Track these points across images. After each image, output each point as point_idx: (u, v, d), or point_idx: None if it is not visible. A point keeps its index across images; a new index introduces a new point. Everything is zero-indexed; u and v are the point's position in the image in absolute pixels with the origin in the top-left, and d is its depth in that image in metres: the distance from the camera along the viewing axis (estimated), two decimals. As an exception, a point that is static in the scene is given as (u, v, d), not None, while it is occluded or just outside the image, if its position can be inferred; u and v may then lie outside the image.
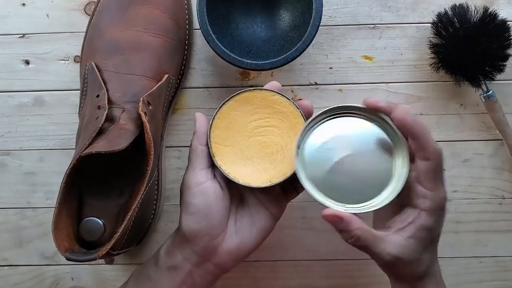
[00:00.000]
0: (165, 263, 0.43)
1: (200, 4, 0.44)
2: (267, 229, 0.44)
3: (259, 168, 0.44)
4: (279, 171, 0.43)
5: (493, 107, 0.50)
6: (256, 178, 0.43)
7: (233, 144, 0.44)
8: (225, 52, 0.45)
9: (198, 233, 0.41)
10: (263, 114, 0.44)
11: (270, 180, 0.43)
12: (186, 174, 0.42)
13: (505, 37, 0.48)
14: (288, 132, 0.44)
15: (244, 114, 0.44)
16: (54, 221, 0.40)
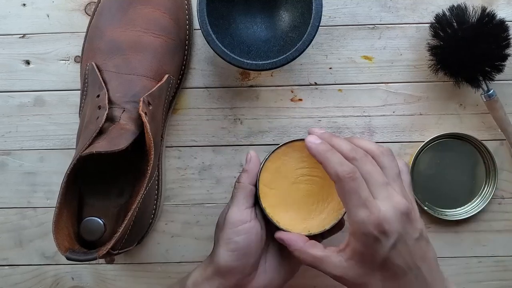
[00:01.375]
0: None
1: (200, 4, 0.44)
2: (294, 270, 0.46)
3: (299, 216, 0.45)
4: (318, 222, 0.45)
5: (494, 106, 0.51)
6: (296, 225, 0.44)
7: (278, 188, 0.45)
8: (225, 52, 0.45)
9: (234, 269, 0.42)
10: (310, 163, 0.45)
11: (309, 229, 0.44)
12: (230, 210, 0.43)
13: (503, 37, 0.48)
14: (330, 185, 0.44)
15: (294, 160, 0.45)
16: (54, 221, 0.40)
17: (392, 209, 0.36)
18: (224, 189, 0.53)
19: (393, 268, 0.37)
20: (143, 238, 0.51)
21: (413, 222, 0.38)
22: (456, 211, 0.53)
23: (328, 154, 0.39)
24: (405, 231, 0.37)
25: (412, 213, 0.38)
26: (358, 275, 0.38)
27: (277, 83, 0.53)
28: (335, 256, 0.39)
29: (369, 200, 0.37)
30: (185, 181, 0.53)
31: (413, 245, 0.37)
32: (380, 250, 0.36)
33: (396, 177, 0.39)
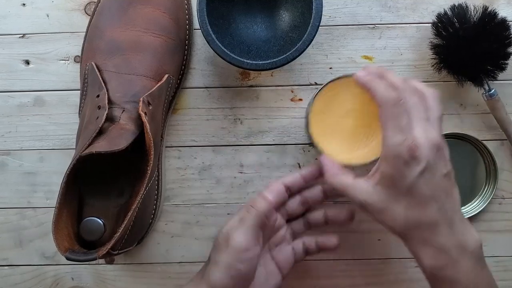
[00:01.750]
0: None
1: (200, 4, 0.44)
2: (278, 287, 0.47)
3: (343, 147, 0.47)
4: (360, 155, 0.47)
5: (495, 106, 0.51)
6: (338, 155, 0.46)
7: (328, 118, 0.47)
8: (225, 52, 0.45)
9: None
10: (362, 99, 0.46)
11: (350, 161, 0.46)
12: (238, 234, 0.42)
13: (505, 35, 0.48)
14: (377, 122, 0.45)
15: (347, 94, 0.47)
16: (54, 221, 0.40)
17: (426, 139, 0.38)
18: (224, 189, 0.53)
19: (418, 196, 0.38)
20: (143, 238, 0.51)
21: (444, 159, 0.39)
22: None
23: (376, 82, 0.41)
24: (434, 162, 0.38)
25: (444, 150, 0.39)
26: (382, 200, 0.39)
27: (277, 83, 0.53)
28: (363, 182, 0.41)
29: (407, 127, 0.38)
30: (185, 181, 0.53)
31: (441, 179, 0.39)
32: (408, 174, 0.38)
33: (437, 120, 0.40)
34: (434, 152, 0.38)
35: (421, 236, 0.39)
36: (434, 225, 0.38)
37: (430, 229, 0.39)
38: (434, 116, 0.40)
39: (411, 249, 0.40)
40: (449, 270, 0.38)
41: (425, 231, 0.39)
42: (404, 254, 0.54)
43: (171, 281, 0.54)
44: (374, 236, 0.54)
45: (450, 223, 0.39)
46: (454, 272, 0.38)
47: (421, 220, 0.39)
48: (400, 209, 0.39)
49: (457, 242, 0.38)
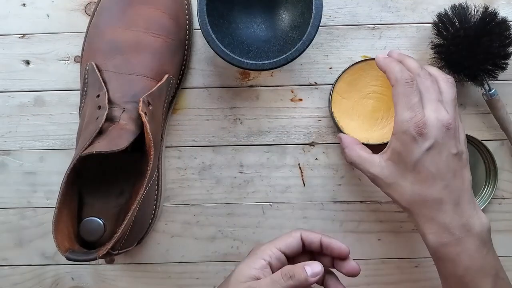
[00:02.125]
0: None
1: (200, 4, 0.44)
2: None
3: (363, 126, 0.51)
4: (378, 135, 0.51)
5: (496, 106, 0.51)
6: (358, 133, 0.50)
7: (349, 98, 0.51)
8: (225, 52, 0.45)
9: None
10: (383, 82, 0.51)
11: (368, 139, 0.50)
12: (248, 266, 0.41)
13: (506, 35, 0.48)
14: None
15: (369, 77, 0.51)
16: (54, 221, 0.40)
17: (435, 118, 0.40)
18: (224, 189, 0.53)
19: (424, 172, 0.40)
20: (143, 238, 0.51)
21: (454, 139, 0.40)
22: None
23: (392, 64, 0.43)
24: (443, 141, 0.39)
25: (455, 131, 0.41)
26: (392, 174, 0.41)
27: (277, 83, 0.53)
28: (377, 157, 0.44)
29: (417, 106, 0.40)
30: (185, 181, 0.53)
31: (448, 159, 0.40)
32: (415, 150, 0.39)
33: (450, 102, 0.42)
34: (443, 131, 0.39)
35: (425, 213, 0.40)
36: (438, 203, 0.39)
37: (435, 206, 0.40)
38: (448, 98, 0.41)
39: (416, 224, 0.42)
40: (451, 248, 0.39)
41: (430, 208, 0.40)
42: (404, 254, 0.54)
43: (171, 281, 0.54)
44: (374, 236, 0.54)
45: (455, 202, 0.39)
46: (456, 250, 0.39)
47: (426, 196, 0.40)
48: (406, 184, 0.41)
49: (462, 222, 0.39)
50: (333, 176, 0.53)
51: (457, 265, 0.39)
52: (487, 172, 0.53)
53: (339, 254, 0.44)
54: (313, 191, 0.53)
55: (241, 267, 0.42)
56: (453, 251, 0.39)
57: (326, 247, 0.44)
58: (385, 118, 0.52)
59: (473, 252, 0.39)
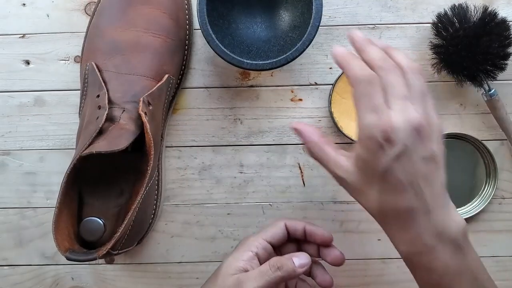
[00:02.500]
0: None
1: (200, 4, 0.44)
2: None
3: None
4: None
5: (495, 106, 0.51)
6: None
7: (349, 98, 0.50)
8: (225, 52, 0.45)
9: None
10: None
11: None
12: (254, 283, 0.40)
13: (505, 35, 0.48)
14: None
15: None
16: (54, 221, 0.40)
17: (403, 121, 0.34)
18: (224, 189, 0.53)
19: (393, 181, 0.36)
20: (143, 238, 0.51)
21: (425, 141, 0.35)
22: None
23: (351, 60, 0.38)
24: (413, 146, 0.35)
25: (427, 131, 0.35)
26: (358, 181, 0.37)
27: (277, 83, 0.53)
28: (344, 159, 0.39)
29: (382, 107, 0.35)
30: (185, 181, 0.53)
31: (419, 164, 0.35)
32: (382, 158, 0.35)
33: (420, 96, 0.36)
34: (413, 135, 0.35)
35: (395, 223, 0.37)
36: (409, 213, 0.36)
37: (405, 216, 0.36)
38: (416, 92, 0.36)
39: (386, 232, 0.39)
40: (425, 257, 0.36)
41: (400, 218, 0.37)
42: (404, 254, 0.54)
43: (171, 281, 0.54)
44: (374, 236, 0.54)
45: (427, 210, 0.36)
46: (429, 259, 0.36)
47: (396, 206, 0.36)
48: (374, 193, 0.37)
49: (435, 230, 0.36)
50: (333, 176, 0.53)
51: (432, 273, 0.37)
52: (487, 172, 0.53)
53: (322, 241, 0.45)
54: (313, 191, 0.53)
55: (229, 260, 0.42)
56: (426, 260, 0.36)
57: (310, 234, 0.45)
58: None
59: (448, 259, 0.36)
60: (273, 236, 0.44)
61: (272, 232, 0.45)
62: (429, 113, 0.36)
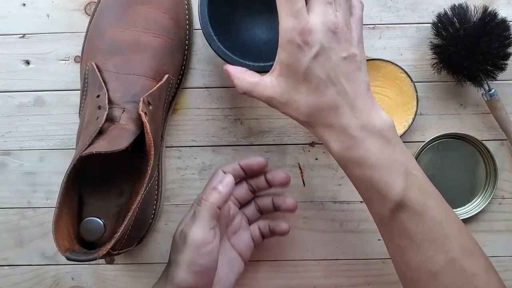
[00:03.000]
0: None
1: (202, 5, 0.44)
2: (241, 273, 0.49)
3: None
4: None
5: (495, 106, 0.51)
6: None
7: None
8: (227, 54, 0.45)
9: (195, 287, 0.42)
10: (384, 83, 0.51)
11: None
12: (194, 230, 0.42)
13: (505, 35, 0.48)
14: (397, 106, 0.51)
15: (369, 77, 0.48)
16: (54, 221, 0.40)
17: (320, 23, 0.37)
18: (224, 189, 0.53)
19: (315, 80, 0.37)
20: (143, 238, 0.51)
21: (342, 42, 0.38)
22: (456, 211, 0.53)
23: None
24: (329, 45, 0.37)
25: (345, 33, 0.38)
26: (285, 91, 0.39)
27: (277, 83, 0.53)
28: (267, 78, 0.40)
29: (302, 12, 0.37)
30: (185, 181, 0.53)
31: (338, 63, 0.37)
32: (302, 59, 0.37)
33: (343, 3, 0.39)
34: (330, 35, 0.37)
35: (323, 121, 0.39)
36: (334, 108, 0.38)
37: (331, 112, 0.38)
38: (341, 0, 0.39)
39: (318, 136, 0.40)
40: (355, 151, 0.38)
41: (326, 116, 0.38)
42: (404, 254, 0.54)
43: (171, 281, 0.54)
44: (374, 236, 0.54)
45: (352, 105, 0.38)
46: (360, 151, 0.38)
47: (321, 104, 0.38)
48: (300, 98, 0.38)
49: (360, 123, 0.38)
50: (333, 176, 0.53)
51: (363, 167, 0.38)
52: (487, 172, 0.53)
53: (258, 167, 0.49)
54: (313, 191, 0.53)
55: (194, 233, 0.42)
56: (356, 153, 0.38)
57: (247, 166, 0.49)
58: None
59: (377, 151, 0.37)
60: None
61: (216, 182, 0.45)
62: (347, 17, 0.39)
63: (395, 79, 0.51)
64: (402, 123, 0.51)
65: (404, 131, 0.51)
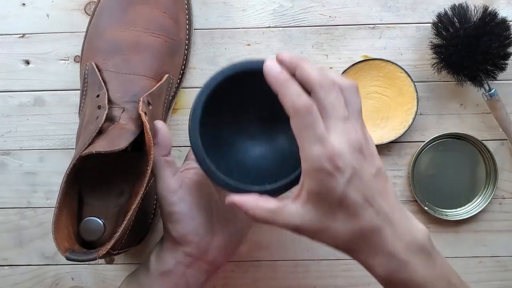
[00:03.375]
0: (157, 270, 0.44)
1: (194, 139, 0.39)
2: (250, 220, 0.44)
3: None
4: (377, 136, 0.51)
5: (496, 106, 0.51)
6: None
7: None
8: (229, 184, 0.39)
9: (188, 235, 0.43)
10: (383, 83, 0.52)
11: None
12: (157, 186, 0.43)
13: (505, 35, 0.48)
14: (397, 106, 0.52)
15: (369, 77, 0.51)
16: (54, 221, 0.40)
17: (346, 145, 0.35)
18: (224, 189, 0.53)
19: (353, 205, 0.35)
20: (143, 238, 0.51)
21: (368, 158, 0.36)
22: (456, 211, 0.53)
23: (287, 84, 0.35)
24: (360, 166, 0.35)
25: (366, 149, 0.36)
26: (317, 219, 0.36)
27: (277, 83, 0.53)
28: (291, 204, 0.37)
29: (324, 135, 0.34)
30: (185, 181, 0.53)
31: (371, 181, 0.36)
32: (335, 186, 0.34)
33: (357, 114, 0.37)
34: (357, 155, 0.35)
35: (366, 247, 0.36)
36: (377, 231, 0.36)
37: (374, 235, 0.36)
38: (354, 109, 0.36)
39: (360, 261, 0.38)
40: (401, 275, 0.36)
41: (369, 241, 0.36)
42: (404, 254, 0.54)
43: (171, 281, 0.54)
44: (374, 236, 0.54)
45: (391, 223, 0.36)
46: (406, 274, 0.36)
47: (362, 228, 0.36)
48: (338, 225, 0.36)
49: (404, 243, 0.36)
50: (333, 176, 0.53)
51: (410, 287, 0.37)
52: (487, 172, 0.53)
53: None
54: (313, 191, 0.53)
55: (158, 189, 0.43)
56: (403, 276, 0.36)
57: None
58: (385, 119, 0.52)
59: (422, 270, 0.36)
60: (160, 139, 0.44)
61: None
62: (363, 130, 0.37)
63: (395, 79, 0.51)
64: (402, 123, 0.51)
65: (404, 131, 0.51)
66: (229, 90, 0.39)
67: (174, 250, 0.43)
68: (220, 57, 0.53)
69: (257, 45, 0.53)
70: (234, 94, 0.40)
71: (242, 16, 0.53)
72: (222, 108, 0.41)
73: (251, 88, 0.40)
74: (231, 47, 0.53)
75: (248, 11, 0.53)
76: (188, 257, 0.43)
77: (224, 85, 0.39)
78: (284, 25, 0.53)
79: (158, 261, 0.44)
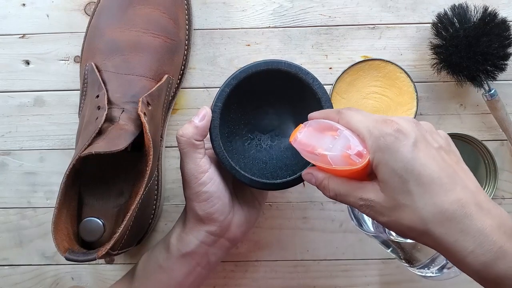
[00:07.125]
0: (179, 251, 0.44)
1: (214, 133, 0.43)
2: (265, 196, 0.49)
3: None
4: None
5: (495, 106, 0.51)
6: None
7: (349, 99, 0.51)
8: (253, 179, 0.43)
9: (214, 214, 0.43)
10: (383, 83, 0.51)
11: None
12: (187, 167, 0.43)
13: (505, 36, 0.48)
14: (397, 106, 0.52)
15: (369, 77, 0.51)
16: (53, 221, 0.40)
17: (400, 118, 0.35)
18: (224, 189, 0.53)
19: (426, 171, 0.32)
20: (143, 238, 0.51)
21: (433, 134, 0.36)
22: None
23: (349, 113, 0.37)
24: (421, 133, 0.35)
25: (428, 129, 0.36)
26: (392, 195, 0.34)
27: (277, 83, 0.53)
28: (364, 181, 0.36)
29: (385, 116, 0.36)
30: (185, 181, 0.53)
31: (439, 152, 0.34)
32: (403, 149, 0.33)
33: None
34: (415, 125, 0.34)
35: (451, 227, 0.31)
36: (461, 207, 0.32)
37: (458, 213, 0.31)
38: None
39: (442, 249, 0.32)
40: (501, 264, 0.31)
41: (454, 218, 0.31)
42: (404, 254, 0.54)
43: (171, 281, 0.54)
44: (374, 236, 0.54)
45: (477, 202, 0.32)
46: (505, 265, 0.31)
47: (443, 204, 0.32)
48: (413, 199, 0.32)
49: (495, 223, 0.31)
50: (333, 176, 0.53)
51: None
52: (487, 172, 0.53)
53: None
54: (313, 191, 0.53)
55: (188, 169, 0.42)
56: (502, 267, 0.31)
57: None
58: None
59: None
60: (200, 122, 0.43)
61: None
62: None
63: (395, 79, 0.51)
64: None
65: None
66: (244, 88, 0.43)
67: (197, 231, 0.44)
68: (220, 58, 0.53)
69: (257, 45, 0.53)
70: (250, 91, 0.44)
71: (242, 17, 0.53)
72: (239, 104, 0.45)
73: (266, 86, 0.44)
74: (231, 47, 0.53)
75: (248, 11, 0.53)
76: (211, 235, 0.44)
77: (241, 84, 0.43)
78: (284, 25, 0.53)
79: (180, 241, 0.44)
